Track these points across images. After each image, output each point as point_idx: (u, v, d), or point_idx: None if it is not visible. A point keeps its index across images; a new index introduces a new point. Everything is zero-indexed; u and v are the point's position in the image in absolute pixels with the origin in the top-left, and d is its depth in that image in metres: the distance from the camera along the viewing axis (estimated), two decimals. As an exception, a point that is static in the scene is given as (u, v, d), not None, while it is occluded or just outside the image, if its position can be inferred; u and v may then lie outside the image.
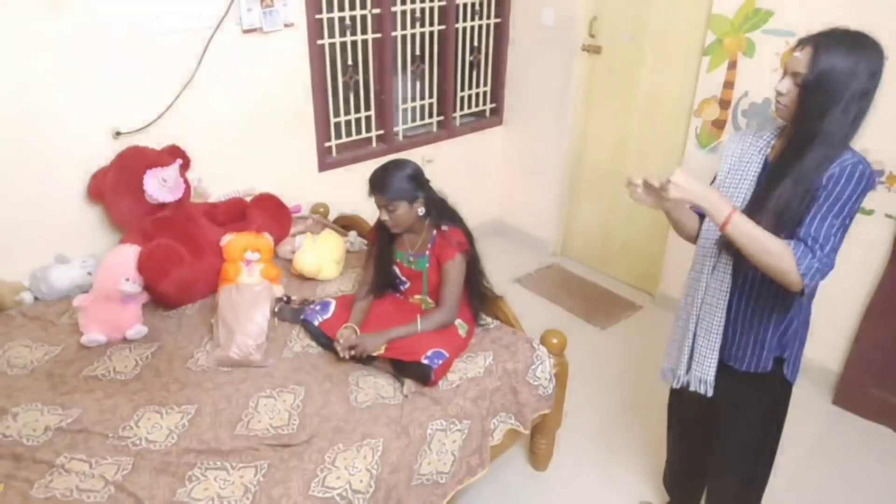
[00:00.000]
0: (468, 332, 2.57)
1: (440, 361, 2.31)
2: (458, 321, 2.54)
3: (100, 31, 2.70)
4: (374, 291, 2.63)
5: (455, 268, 2.48)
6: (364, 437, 2.08)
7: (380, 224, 2.57)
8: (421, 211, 2.45)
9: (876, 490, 2.79)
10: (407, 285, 2.65)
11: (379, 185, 2.42)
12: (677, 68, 3.62)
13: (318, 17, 3.37)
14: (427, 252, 2.54)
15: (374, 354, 2.39)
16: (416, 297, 2.64)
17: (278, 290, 2.80)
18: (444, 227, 2.51)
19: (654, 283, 4.07)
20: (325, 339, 2.51)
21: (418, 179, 2.46)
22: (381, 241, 2.62)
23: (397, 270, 2.63)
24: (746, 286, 1.89)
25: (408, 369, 2.35)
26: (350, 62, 3.61)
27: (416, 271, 2.58)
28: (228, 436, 2.07)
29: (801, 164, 1.71)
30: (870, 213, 2.99)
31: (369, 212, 3.37)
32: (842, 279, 3.14)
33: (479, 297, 2.66)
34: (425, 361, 2.29)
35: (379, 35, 3.66)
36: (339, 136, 3.74)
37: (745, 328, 1.93)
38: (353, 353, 2.37)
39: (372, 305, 2.60)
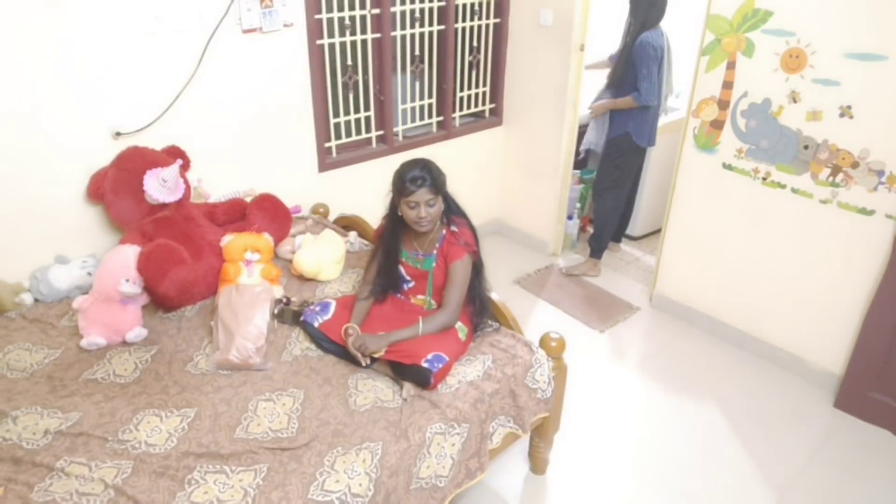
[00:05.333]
0: (468, 336, 2.57)
1: (440, 365, 2.31)
2: (458, 324, 2.54)
3: (100, 31, 2.69)
4: (378, 292, 2.62)
5: (462, 268, 2.48)
6: (363, 441, 2.08)
7: (390, 223, 2.55)
8: (442, 207, 2.47)
9: (877, 493, 2.79)
10: (411, 284, 2.63)
11: (425, 178, 2.37)
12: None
13: (317, 17, 3.36)
14: (435, 251, 2.53)
15: (375, 356, 2.40)
16: (419, 297, 2.64)
17: (278, 291, 2.80)
18: (453, 227, 2.50)
19: (651, 285, 4.07)
20: (326, 342, 2.51)
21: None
22: (390, 241, 2.58)
23: (402, 270, 2.61)
24: None
25: (407, 372, 2.35)
26: (349, 62, 3.61)
27: (423, 271, 2.57)
28: (227, 439, 2.08)
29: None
30: (870, 213, 2.99)
31: (369, 212, 3.38)
32: (842, 280, 3.15)
33: (477, 302, 2.62)
34: (425, 365, 2.29)
35: (378, 35, 3.65)
36: (338, 136, 3.74)
37: None
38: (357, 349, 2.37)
39: (373, 307, 2.60)
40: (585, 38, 3.94)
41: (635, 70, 3.82)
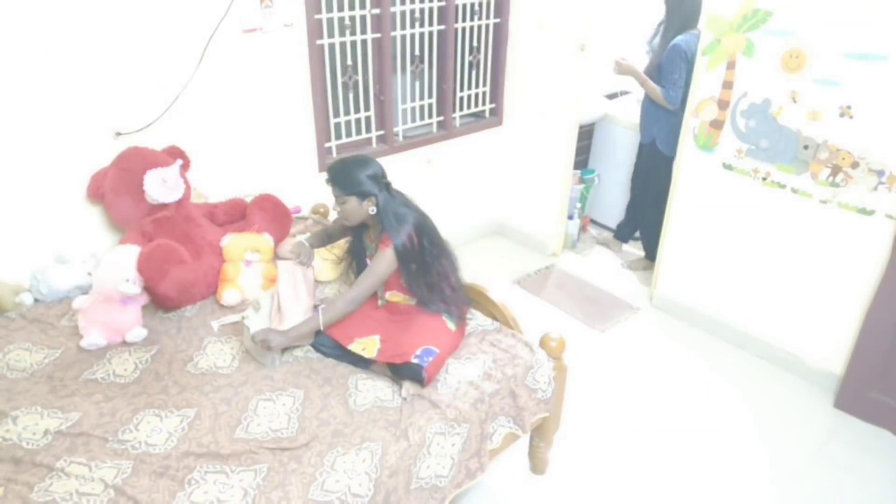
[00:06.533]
0: (458, 325, 2.56)
1: (430, 358, 2.30)
2: (444, 315, 2.53)
3: (100, 30, 2.69)
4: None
5: (378, 258, 2.47)
6: (363, 441, 2.08)
7: None
8: (372, 210, 2.47)
9: (877, 493, 2.79)
10: None
11: (332, 177, 2.48)
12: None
13: (317, 17, 3.36)
14: (380, 246, 2.54)
15: (368, 357, 2.40)
16: (395, 293, 2.62)
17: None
18: (385, 229, 2.49)
19: (651, 285, 4.07)
20: (324, 347, 2.51)
21: (376, 179, 2.47)
22: (354, 234, 2.68)
23: (370, 262, 2.64)
24: None
25: (401, 371, 2.35)
26: (349, 62, 3.61)
27: None
28: (228, 439, 2.07)
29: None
30: (870, 213, 2.99)
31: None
32: (842, 280, 3.15)
33: (424, 289, 2.54)
34: (415, 361, 2.29)
35: (378, 35, 3.65)
36: (339, 136, 3.74)
37: None
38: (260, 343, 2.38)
39: (366, 310, 2.58)
40: (585, 38, 3.94)
41: (663, 73, 3.85)
